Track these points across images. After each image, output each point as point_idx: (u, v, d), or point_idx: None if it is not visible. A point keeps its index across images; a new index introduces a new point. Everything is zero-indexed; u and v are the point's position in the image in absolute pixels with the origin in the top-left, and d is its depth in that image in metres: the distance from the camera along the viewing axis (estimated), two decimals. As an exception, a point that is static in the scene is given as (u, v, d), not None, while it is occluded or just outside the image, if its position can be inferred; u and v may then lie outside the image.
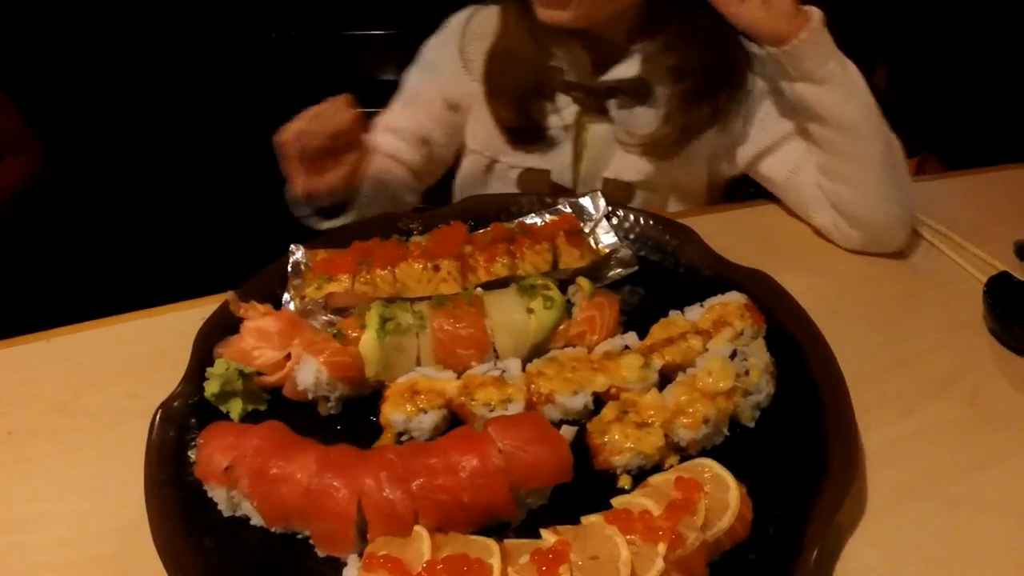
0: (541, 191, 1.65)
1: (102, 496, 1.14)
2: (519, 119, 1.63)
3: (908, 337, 1.33)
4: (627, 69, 1.58)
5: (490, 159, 1.72)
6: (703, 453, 1.07)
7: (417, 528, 0.94)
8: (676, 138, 1.59)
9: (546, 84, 1.62)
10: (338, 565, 0.97)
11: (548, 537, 0.91)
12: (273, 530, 1.04)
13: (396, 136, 1.75)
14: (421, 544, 0.91)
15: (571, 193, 1.62)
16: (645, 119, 1.60)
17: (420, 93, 1.76)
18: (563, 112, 1.64)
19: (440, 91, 1.73)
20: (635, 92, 1.58)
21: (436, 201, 1.87)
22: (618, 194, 1.64)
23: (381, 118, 1.79)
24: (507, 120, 1.65)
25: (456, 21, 1.73)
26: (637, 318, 1.28)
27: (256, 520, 1.05)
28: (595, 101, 1.61)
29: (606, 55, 1.60)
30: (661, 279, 1.38)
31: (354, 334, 1.15)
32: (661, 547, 0.87)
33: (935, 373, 1.26)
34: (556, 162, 1.67)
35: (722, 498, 0.95)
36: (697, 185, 1.75)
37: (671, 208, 1.76)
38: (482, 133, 1.72)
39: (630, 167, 1.65)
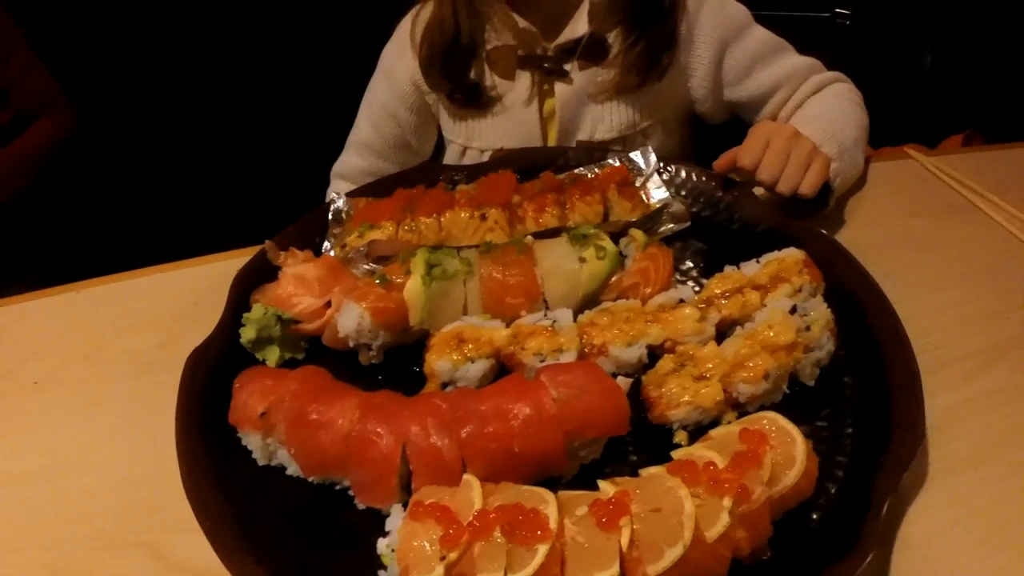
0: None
1: (126, 446, 1.11)
2: (448, 83, 1.62)
3: (964, 302, 1.28)
4: (578, 27, 1.55)
5: (462, 145, 1.71)
6: (761, 411, 1.02)
7: (467, 476, 0.89)
8: (642, 80, 1.57)
9: (498, 61, 1.60)
10: (376, 518, 0.93)
11: (607, 488, 0.86)
12: (310, 480, 0.99)
13: (369, 152, 1.79)
14: (471, 492, 0.86)
15: None
16: (607, 73, 1.58)
17: (386, 103, 1.75)
18: (520, 86, 1.62)
19: (403, 97, 1.72)
20: (590, 52, 1.56)
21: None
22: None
23: (352, 136, 1.81)
24: (441, 88, 1.64)
25: (405, 21, 1.71)
26: (689, 273, 1.24)
27: (292, 469, 1.00)
28: (553, 65, 1.58)
29: (554, 15, 1.57)
30: (714, 235, 1.33)
31: (399, 280, 1.11)
32: (727, 501, 0.82)
33: (993, 339, 1.21)
34: (524, 135, 1.65)
35: (788, 452, 0.90)
36: (671, 142, 1.73)
37: None
38: (450, 121, 1.72)
39: (602, 125, 1.62)
